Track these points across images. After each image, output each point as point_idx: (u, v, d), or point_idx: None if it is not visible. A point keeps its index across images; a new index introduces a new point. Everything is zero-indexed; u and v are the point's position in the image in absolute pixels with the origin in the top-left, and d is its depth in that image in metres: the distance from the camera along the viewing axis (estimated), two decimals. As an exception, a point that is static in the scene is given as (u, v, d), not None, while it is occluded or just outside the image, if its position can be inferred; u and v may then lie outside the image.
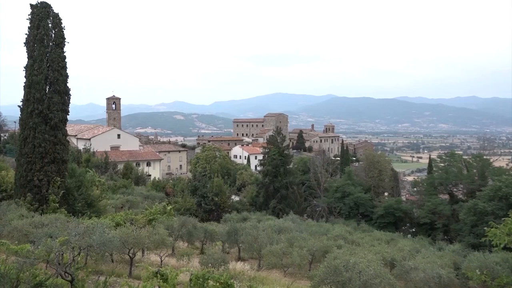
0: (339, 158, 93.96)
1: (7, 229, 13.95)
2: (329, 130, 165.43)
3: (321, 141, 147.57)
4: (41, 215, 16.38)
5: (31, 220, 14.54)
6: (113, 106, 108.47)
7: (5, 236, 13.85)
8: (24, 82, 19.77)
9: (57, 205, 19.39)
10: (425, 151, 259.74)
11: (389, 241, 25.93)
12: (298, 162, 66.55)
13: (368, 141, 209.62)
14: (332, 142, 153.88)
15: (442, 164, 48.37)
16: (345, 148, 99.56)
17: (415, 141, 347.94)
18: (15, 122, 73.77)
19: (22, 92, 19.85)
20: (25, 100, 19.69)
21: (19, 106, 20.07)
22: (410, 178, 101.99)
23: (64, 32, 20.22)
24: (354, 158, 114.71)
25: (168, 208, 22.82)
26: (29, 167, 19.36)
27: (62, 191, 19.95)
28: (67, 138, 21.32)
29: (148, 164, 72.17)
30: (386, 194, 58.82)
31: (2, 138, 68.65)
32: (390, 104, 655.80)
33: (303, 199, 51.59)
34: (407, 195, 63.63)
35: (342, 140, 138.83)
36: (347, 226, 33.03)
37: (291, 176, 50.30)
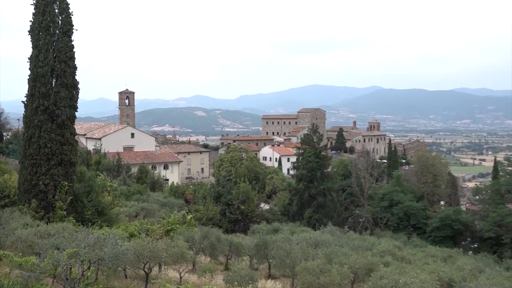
0: (385, 161, 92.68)
1: (10, 240, 14.38)
2: (374, 127, 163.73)
3: (364, 140, 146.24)
4: (47, 224, 16.82)
5: (36, 229, 14.93)
6: (126, 101, 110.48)
7: (8, 247, 14.30)
8: (29, 75, 20.27)
9: (65, 212, 19.87)
10: (490, 153, 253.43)
11: (446, 259, 25.44)
12: (338, 165, 66.06)
13: (421, 140, 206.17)
14: (377, 141, 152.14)
15: (510, 168, 47.09)
16: (393, 148, 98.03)
17: (477, 141, 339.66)
18: (18, 119, 76.16)
19: (27, 86, 20.38)
20: (30, 95, 20.18)
21: (23, 101, 20.61)
22: (471, 184, 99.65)
23: (72, 19, 20.66)
24: (403, 161, 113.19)
25: (188, 217, 23.04)
26: (34, 170, 19.85)
27: (70, 197, 20.43)
28: (76, 137, 21.81)
29: (166, 167, 73.17)
30: (442, 203, 57.73)
31: (4, 137, 70.97)
32: (446, 97, 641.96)
33: (343, 208, 51.20)
34: (467, 204, 62.29)
35: (389, 140, 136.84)
36: (395, 240, 32.57)
37: (329, 182, 49.98)
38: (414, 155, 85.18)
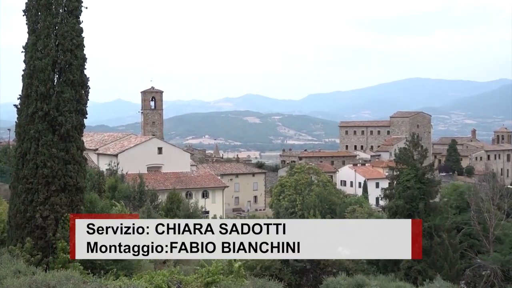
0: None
1: (-2, 292, 14.86)
2: (503, 139, 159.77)
3: (488, 157, 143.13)
4: (45, 271, 17.28)
5: (32, 278, 15.33)
6: (152, 103, 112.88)
7: (-5, 302, 14.78)
8: (23, 70, 20.91)
9: (69, 256, 20.33)
10: None
11: None
12: (450, 193, 64.66)
13: None
14: (508, 159, 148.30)
15: None
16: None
17: None
18: (9, 129, 79.29)
19: (21, 85, 20.98)
20: (24, 97, 20.69)
21: (15, 105, 21.24)
22: None
23: (81, -8, 21.24)
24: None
25: (236, 265, 23.09)
26: (29, 198, 20.35)
27: (77, 235, 20.91)
28: (84, 153, 22.35)
29: (205, 195, 73.89)
30: None
31: (-9, 154, 74.10)
32: None
33: (458, 255, 50.01)
34: None
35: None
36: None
37: (437, 217, 48.98)
38: None
